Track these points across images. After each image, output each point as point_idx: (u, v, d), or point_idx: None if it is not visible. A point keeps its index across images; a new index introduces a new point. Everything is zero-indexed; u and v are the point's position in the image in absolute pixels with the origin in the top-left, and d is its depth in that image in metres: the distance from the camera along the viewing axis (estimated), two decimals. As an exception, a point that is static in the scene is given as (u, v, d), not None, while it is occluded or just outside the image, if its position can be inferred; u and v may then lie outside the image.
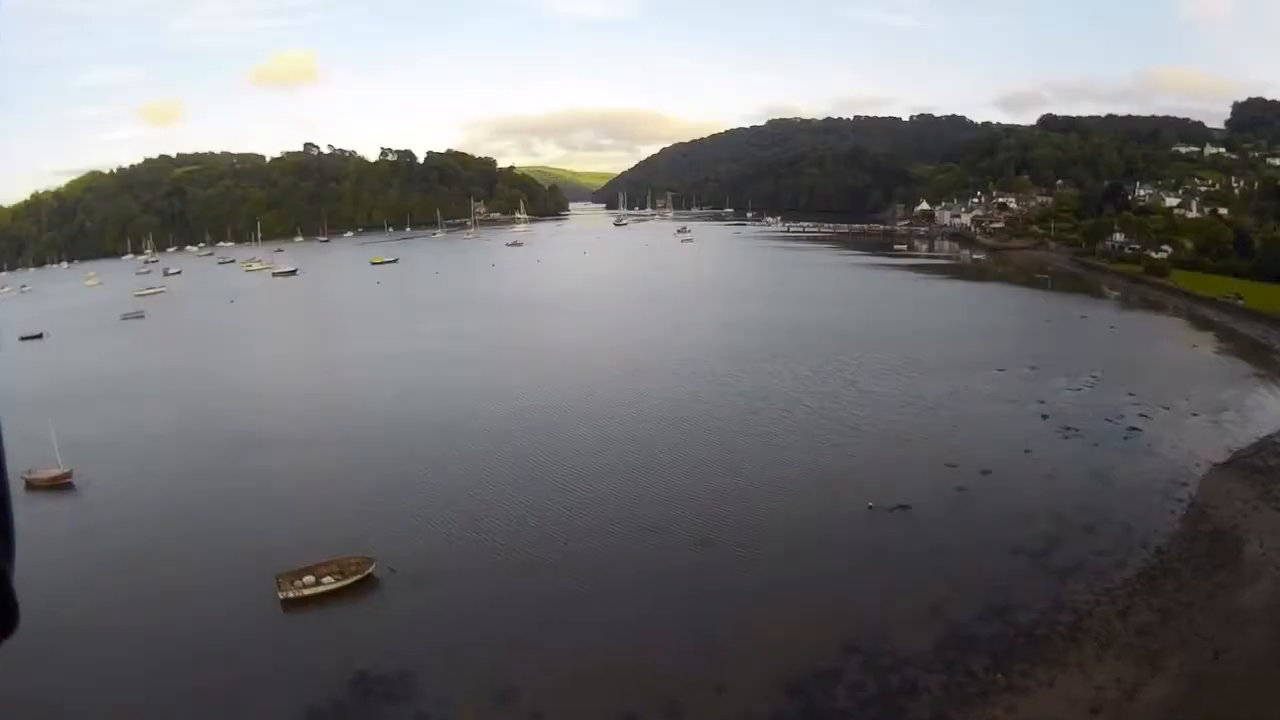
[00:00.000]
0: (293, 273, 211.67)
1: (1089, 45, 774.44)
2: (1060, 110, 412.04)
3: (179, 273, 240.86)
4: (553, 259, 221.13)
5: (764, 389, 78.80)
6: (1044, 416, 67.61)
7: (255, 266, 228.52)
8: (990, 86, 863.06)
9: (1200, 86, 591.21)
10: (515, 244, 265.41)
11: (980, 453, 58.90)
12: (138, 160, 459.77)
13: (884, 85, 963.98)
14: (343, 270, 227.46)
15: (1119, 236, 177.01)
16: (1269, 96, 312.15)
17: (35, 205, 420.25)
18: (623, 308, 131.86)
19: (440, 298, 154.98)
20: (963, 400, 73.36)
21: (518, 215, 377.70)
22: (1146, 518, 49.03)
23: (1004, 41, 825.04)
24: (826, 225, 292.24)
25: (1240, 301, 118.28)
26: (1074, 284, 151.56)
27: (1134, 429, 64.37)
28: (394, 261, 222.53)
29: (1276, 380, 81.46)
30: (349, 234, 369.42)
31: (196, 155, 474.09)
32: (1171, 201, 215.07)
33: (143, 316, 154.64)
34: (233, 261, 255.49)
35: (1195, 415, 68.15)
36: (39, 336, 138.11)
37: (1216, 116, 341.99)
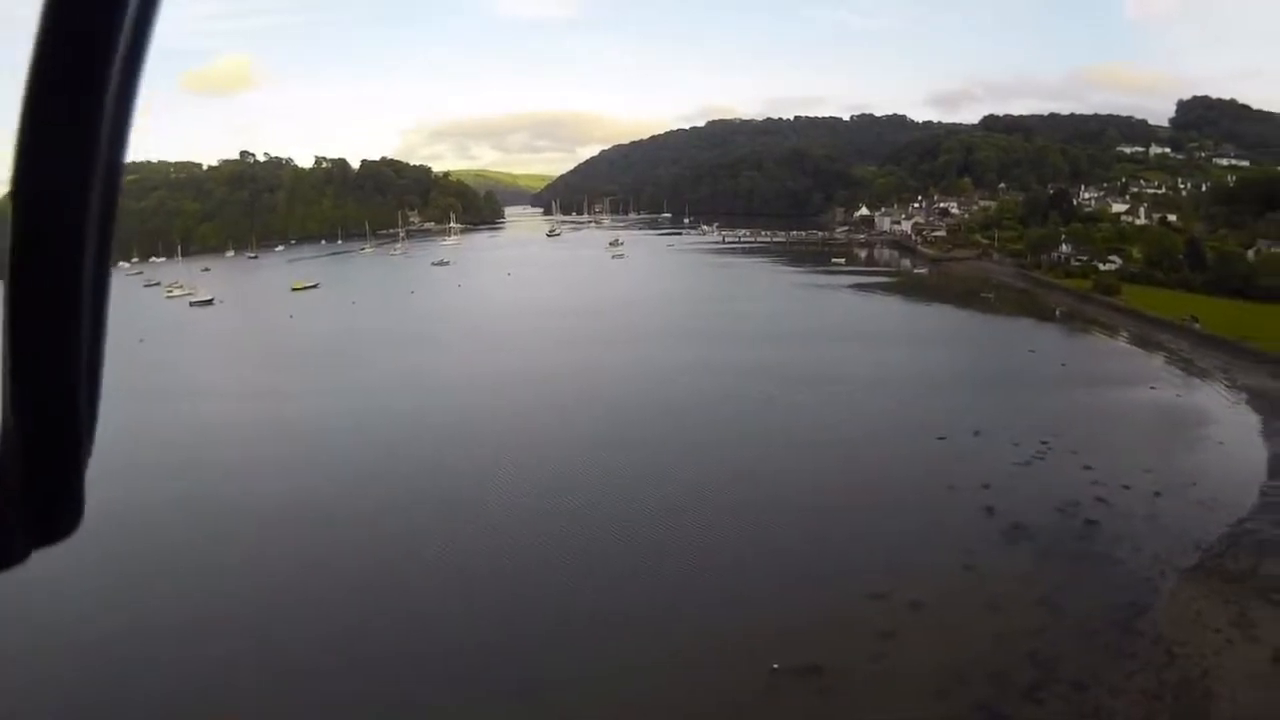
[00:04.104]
0: (209, 302, 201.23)
1: (1023, 42, 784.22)
2: (994, 108, 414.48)
3: None
4: (475, 283, 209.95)
5: (654, 494, 64.80)
6: (989, 510, 57.68)
7: (176, 293, 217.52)
8: (923, 84, 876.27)
9: (1138, 83, 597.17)
10: (441, 263, 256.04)
11: (913, 571, 49.31)
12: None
13: (817, 84, 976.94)
14: (261, 297, 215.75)
15: (1065, 248, 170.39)
16: (1214, 94, 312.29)
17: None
18: (522, 362, 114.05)
19: (353, 336, 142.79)
20: (896, 488, 62.69)
21: (451, 226, 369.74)
22: (1102, 671, 39.69)
23: (936, 38, 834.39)
24: (764, 233, 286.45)
25: (1197, 325, 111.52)
26: (1020, 302, 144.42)
27: (1091, 522, 55.33)
28: (314, 287, 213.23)
29: (1243, 432, 73.73)
30: (280, 247, 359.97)
31: (134, 164, 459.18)
32: (1119, 207, 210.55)
33: None
34: (158, 284, 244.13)
35: (1158, 495, 59.03)
36: None
37: (1155, 113, 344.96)
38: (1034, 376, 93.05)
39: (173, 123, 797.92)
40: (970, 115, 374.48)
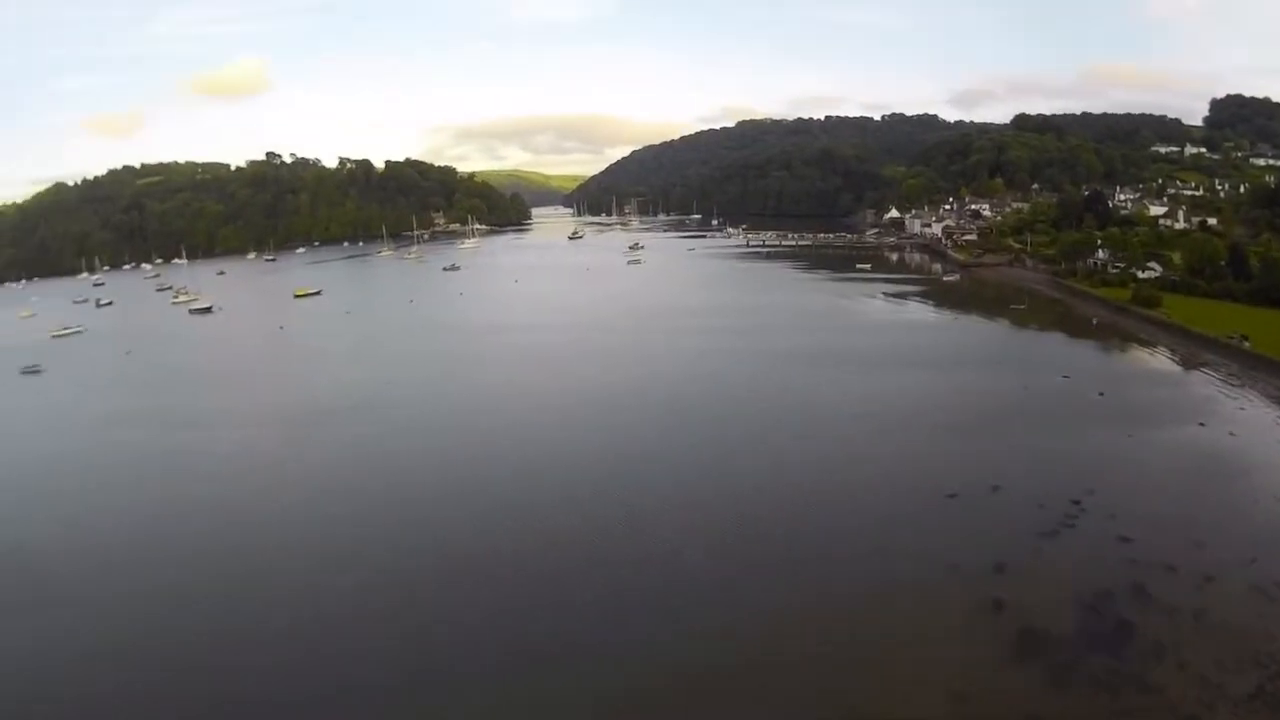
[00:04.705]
0: (208, 310, 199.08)
1: (1040, 40, 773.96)
2: (1016, 107, 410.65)
3: (110, 303, 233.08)
4: (479, 291, 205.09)
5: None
6: (997, 605, 46.56)
7: (181, 299, 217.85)
8: (945, 83, 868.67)
9: (1158, 80, 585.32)
10: (453, 267, 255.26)
11: (886, 700, 39.16)
12: (102, 171, 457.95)
13: (838, 83, 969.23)
14: (262, 304, 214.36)
15: (1101, 254, 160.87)
16: (1247, 93, 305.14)
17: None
18: (477, 401, 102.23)
19: (319, 354, 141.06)
20: (886, 567, 51.50)
21: (474, 227, 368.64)
22: None
23: (953, 37, 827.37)
24: (791, 235, 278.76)
25: (1246, 344, 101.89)
26: (1052, 315, 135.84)
27: (1125, 624, 44.35)
28: (317, 294, 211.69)
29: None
30: (301, 250, 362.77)
31: (159, 165, 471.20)
32: (1156, 210, 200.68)
33: (39, 372, 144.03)
34: (169, 288, 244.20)
35: (1210, 580, 48.09)
36: None
37: (1180, 111, 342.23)
38: (1067, 410, 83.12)
39: (189, 125, 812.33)
40: (992, 114, 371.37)
